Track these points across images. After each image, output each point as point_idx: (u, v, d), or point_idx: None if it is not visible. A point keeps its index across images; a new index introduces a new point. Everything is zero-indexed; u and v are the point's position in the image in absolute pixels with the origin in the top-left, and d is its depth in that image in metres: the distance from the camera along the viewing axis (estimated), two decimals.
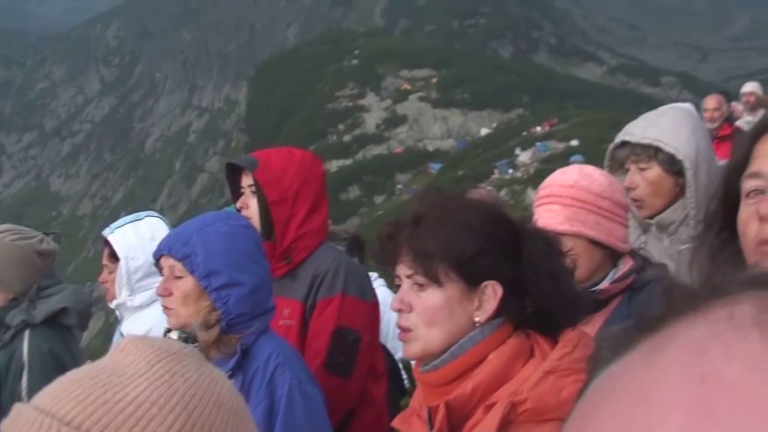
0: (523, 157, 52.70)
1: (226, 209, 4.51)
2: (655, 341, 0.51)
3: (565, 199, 2.85)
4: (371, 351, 3.65)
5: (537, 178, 46.65)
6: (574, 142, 51.72)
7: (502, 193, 47.34)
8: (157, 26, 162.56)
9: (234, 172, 3.77)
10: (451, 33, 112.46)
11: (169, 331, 3.01)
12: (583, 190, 2.86)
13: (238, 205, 3.70)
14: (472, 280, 2.01)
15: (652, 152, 3.27)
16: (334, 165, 69.40)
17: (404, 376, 4.85)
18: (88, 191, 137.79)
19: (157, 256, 2.96)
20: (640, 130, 3.33)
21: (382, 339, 4.23)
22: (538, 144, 53.87)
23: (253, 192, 3.62)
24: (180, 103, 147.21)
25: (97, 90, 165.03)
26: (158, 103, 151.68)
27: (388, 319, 4.65)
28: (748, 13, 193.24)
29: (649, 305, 2.77)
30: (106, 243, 4.22)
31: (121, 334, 4.21)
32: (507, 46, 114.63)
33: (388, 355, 4.39)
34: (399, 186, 65.42)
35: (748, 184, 1.55)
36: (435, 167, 64.08)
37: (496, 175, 51.30)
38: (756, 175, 1.53)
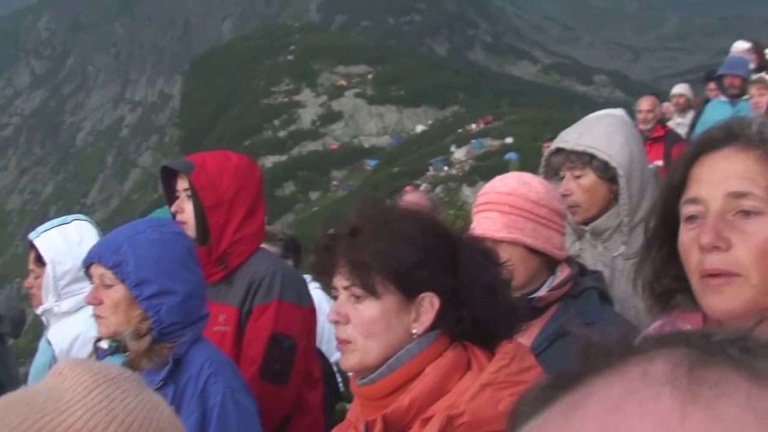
0: (458, 154, 53.01)
1: (158, 211, 4.45)
2: (573, 398, 0.53)
3: (503, 207, 2.87)
4: (307, 357, 3.63)
5: (472, 175, 47.04)
6: (509, 140, 52.18)
7: (438, 190, 47.56)
8: (89, 18, 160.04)
9: (169, 176, 3.71)
10: (387, 29, 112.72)
11: (99, 339, 2.95)
12: (521, 197, 2.87)
13: (173, 209, 3.64)
14: (410, 292, 2.00)
15: (586, 159, 3.29)
16: (269, 161, 69.12)
17: (339, 379, 4.84)
18: (17, 185, 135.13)
19: (87, 264, 2.90)
20: (574, 137, 3.35)
21: (317, 342, 4.21)
22: (473, 141, 54.22)
23: (188, 196, 3.56)
24: (112, 97, 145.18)
25: (27, 82, 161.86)
26: (90, 97, 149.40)
27: (323, 322, 4.62)
28: (678, 14, 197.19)
29: (567, 360, 2.80)
30: (32, 247, 4.13)
31: (48, 341, 4.13)
32: (443, 43, 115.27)
33: (323, 359, 4.37)
34: (334, 182, 65.44)
35: (686, 209, 1.57)
36: (370, 164, 64.19)
37: (431, 172, 51.54)
38: (694, 200, 1.55)
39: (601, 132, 3.33)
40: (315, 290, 5.37)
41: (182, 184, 3.60)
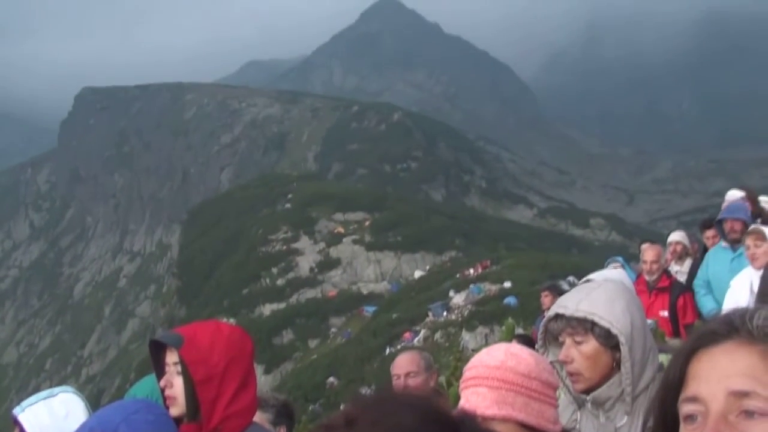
0: (457, 299, 52.90)
1: (143, 381, 4.33)
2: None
3: (492, 381, 2.78)
4: None
5: (471, 320, 46.83)
6: (507, 284, 52.17)
7: (437, 335, 47.25)
8: (89, 170, 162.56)
9: (158, 347, 3.61)
10: (384, 177, 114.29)
11: None
12: (511, 370, 2.79)
13: (162, 383, 3.52)
14: None
15: (588, 326, 3.21)
16: (267, 309, 68.87)
17: None
18: (13, 338, 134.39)
19: None
20: (573, 303, 3.28)
21: None
22: (472, 286, 54.21)
23: (178, 371, 3.46)
24: (111, 248, 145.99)
25: (26, 235, 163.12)
26: (89, 248, 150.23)
27: None
28: (670, 158, 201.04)
29: None
30: (16, 423, 3.99)
31: None
32: (439, 189, 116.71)
33: None
34: (333, 329, 64.98)
35: (685, 408, 1.46)
36: (369, 310, 63.90)
37: (430, 317, 51.31)
38: (693, 399, 1.44)
39: (600, 298, 3.26)
40: None
41: (171, 358, 3.50)
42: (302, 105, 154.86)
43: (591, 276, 5.87)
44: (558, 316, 3.34)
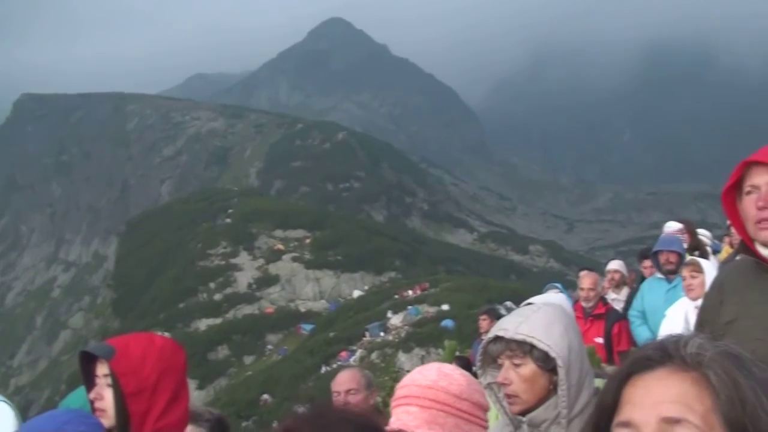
0: (395, 320, 52.95)
1: (74, 394, 4.23)
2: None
3: (423, 401, 2.79)
4: None
5: (408, 341, 46.87)
6: (445, 307, 52.34)
7: (373, 356, 47.20)
8: (25, 178, 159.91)
9: (88, 358, 3.52)
10: (326, 195, 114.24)
11: None
12: (442, 390, 2.81)
13: (92, 396, 3.44)
14: None
15: (527, 348, 3.22)
16: (203, 324, 68.21)
17: None
18: None
19: None
20: (513, 326, 3.28)
21: None
22: (410, 308, 54.32)
23: (108, 384, 3.37)
24: (45, 257, 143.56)
25: None
26: (22, 257, 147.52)
27: None
28: (610, 189, 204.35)
29: None
30: None
31: None
32: (381, 209, 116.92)
33: None
34: (269, 346, 64.59)
35: None
36: (306, 328, 63.68)
37: (367, 337, 51.27)
38: (626, 424, 1.44)
39: (540, 321, 3.27)
40: None
41: (102, 369, 3.41)
42: (246, 120, 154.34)
43: (531, 300, 5.90)
44: (497, 339, 3.33)
